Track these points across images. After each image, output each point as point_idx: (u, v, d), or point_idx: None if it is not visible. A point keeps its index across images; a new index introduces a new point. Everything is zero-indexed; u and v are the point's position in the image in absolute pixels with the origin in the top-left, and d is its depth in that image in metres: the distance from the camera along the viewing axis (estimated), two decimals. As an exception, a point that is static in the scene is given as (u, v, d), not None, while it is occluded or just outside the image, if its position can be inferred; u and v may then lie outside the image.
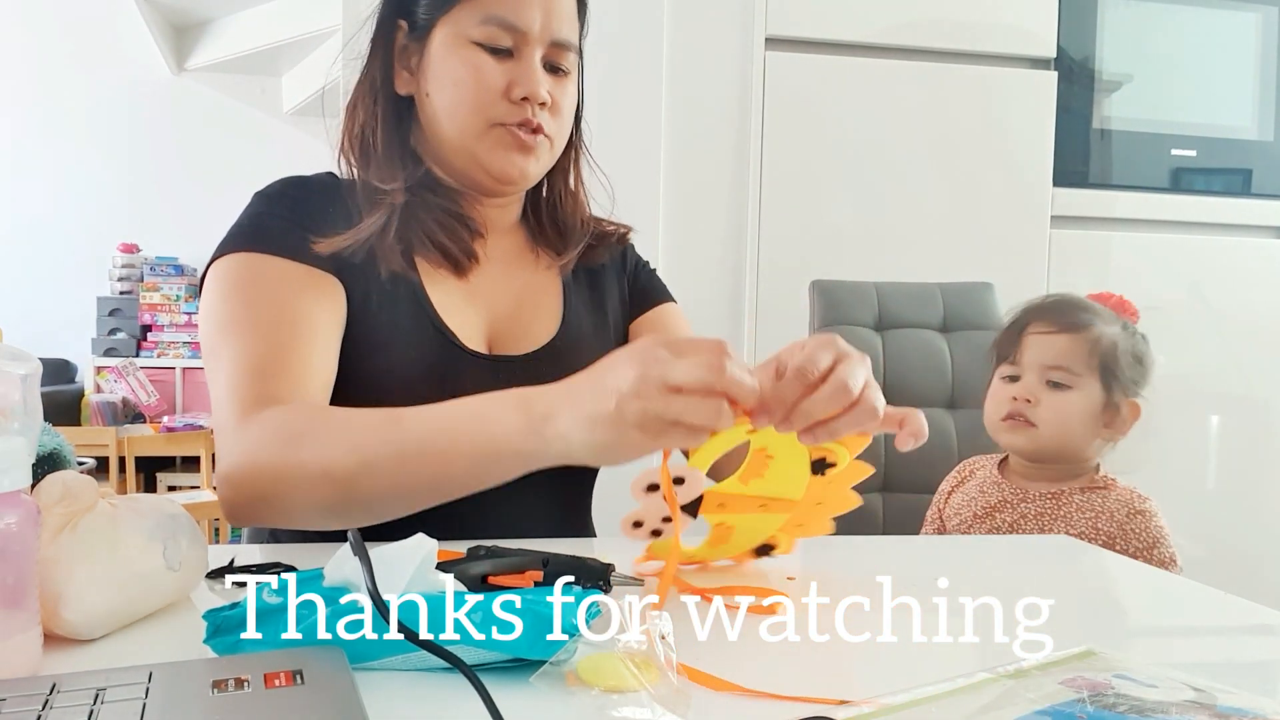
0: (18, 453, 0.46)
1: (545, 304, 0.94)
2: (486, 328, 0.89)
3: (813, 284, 1.45)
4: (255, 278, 0.80)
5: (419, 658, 0.48)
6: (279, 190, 0.86)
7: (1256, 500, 2.02)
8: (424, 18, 0.86)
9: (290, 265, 0.80)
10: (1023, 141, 1.91)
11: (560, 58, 0.86)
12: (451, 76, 0.84)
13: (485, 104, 0.83)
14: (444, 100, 0.85)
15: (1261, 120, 2.04)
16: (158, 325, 4.31)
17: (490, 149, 0.85)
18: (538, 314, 0.93)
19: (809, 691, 0.46)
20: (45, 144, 4.44)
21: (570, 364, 0.87)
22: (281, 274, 0.80)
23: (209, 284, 0.82)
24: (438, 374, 0.83)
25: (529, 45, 0.84)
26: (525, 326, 0.91)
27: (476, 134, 0.84)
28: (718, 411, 0.54)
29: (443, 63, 0.84)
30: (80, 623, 0.52)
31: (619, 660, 0.46)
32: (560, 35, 0.85)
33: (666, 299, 1.02)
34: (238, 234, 0.83)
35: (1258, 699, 0.44)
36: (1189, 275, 2.00)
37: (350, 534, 0.50)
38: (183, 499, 3.08)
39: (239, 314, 0.78)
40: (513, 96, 0.83)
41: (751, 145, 1.82)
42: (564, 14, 0.85)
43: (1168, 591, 0.75)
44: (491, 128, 0.84)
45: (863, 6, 1.85)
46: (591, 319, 0.96)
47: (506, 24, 0.82)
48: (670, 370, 0.54)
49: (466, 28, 0.83)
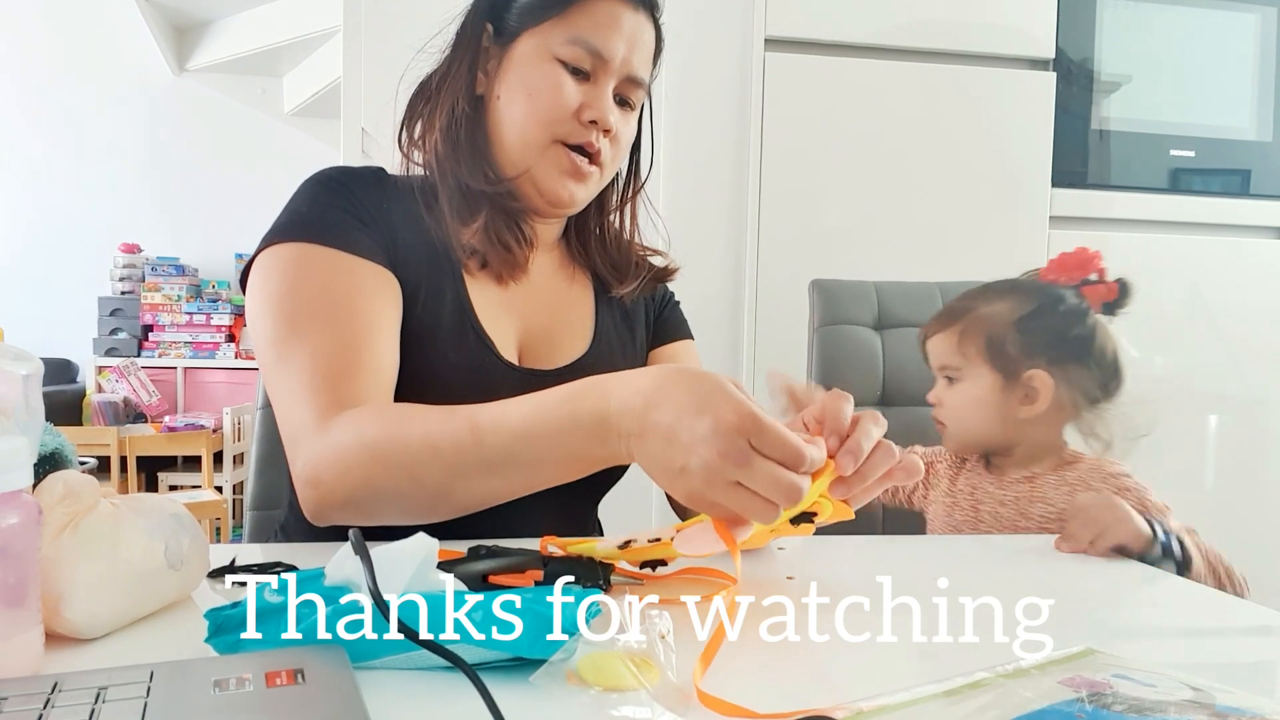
0: (19, 452, 0.46)
1: (577, 320, 0.95)
2: (519, 338, 0.90)
3: (812, 283, 1.45)
4: (322, 270, 0.79)
5: (419, 657, 0.48)
6: (336, 179, 0.85)
7: (1255, 500, 2.02)
8: (513, 25, 0.87)
9: (355, 260, 0.80)
10: (1021, 142, 1.91)
11: (631, 92, 0.88)
12: (528, 86, 0.85)
13: (555, 119, 0.84)
14: (515, 108, 0.85)
15: (1260, 120, 2.04)
16: (159, 325, 4.31)
17: (547, 168, 0.86)
18: (570, 330, 0.94)
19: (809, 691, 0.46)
20: (46, 144, 4.44)
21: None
22: (349, 268, 0.79)
23: (267, 270, 0.80)
24: (474, 379, 0.83)
25: (607, 74, 0.85)
26: (557, 341, 0.92)
27: (539, 148, 0.85)
28: (795, 490, 0.54)
29: (523, 72, 0.85)
30: (82, 622, 0.52)
31: (619, 660, 0.46)
32: (636, 72, 0.87)
33: (686, 336, 1.05)
34: (297, 222, 0.81)
35: (1256, 699, 0.44)
36: (1188, 276, 2.00)
37: (350, 534, 0.51)
38: (184, 499, 3.08)
39: (310, 308, 0.77)
40: (582, 118, 0.85)
41: (751, 145, 1.82)
42: (645, 51, 0.88)
43: (1167, 591, 0.75)
44: (553, 144, 0.85)
45: (863, 7, 1.85)
46: (620, 339, 0.97)
47: (593, 49, 0.84)
48: (768, 434, 0.53)
49: (553, 44, 0.84)
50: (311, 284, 0.78)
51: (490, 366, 0.85)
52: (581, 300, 0.97)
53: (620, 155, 0.91)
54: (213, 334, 4.32)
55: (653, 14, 0.89)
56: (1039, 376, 1.10)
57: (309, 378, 0.74)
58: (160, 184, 4.52)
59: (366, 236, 0.81)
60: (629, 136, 0.91)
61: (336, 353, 0.75)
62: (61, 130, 4.45)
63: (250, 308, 0.81)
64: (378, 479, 0.69)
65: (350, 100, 2.29)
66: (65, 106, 4.44)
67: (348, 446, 0.70)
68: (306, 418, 0.73)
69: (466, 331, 0.85)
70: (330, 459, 0.70)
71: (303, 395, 0.74)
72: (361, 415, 0.72)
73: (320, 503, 0.72)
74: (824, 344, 1.40)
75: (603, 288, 0.98)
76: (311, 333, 0.76)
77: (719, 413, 0.54)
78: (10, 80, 4.40)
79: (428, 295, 0.84)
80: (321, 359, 0.75)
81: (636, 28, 0.86)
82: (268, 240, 0.81)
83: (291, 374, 0.75)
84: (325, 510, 0.72)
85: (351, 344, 0.76)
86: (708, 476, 0.54)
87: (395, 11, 2.40)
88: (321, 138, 4.38)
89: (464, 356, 0.84)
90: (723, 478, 0.54)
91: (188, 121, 4.52)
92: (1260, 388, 2.03)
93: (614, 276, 0.98)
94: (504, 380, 0.85)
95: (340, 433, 0.71)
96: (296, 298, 0.78)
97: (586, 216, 0.98)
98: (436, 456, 0.68)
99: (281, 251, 0.80)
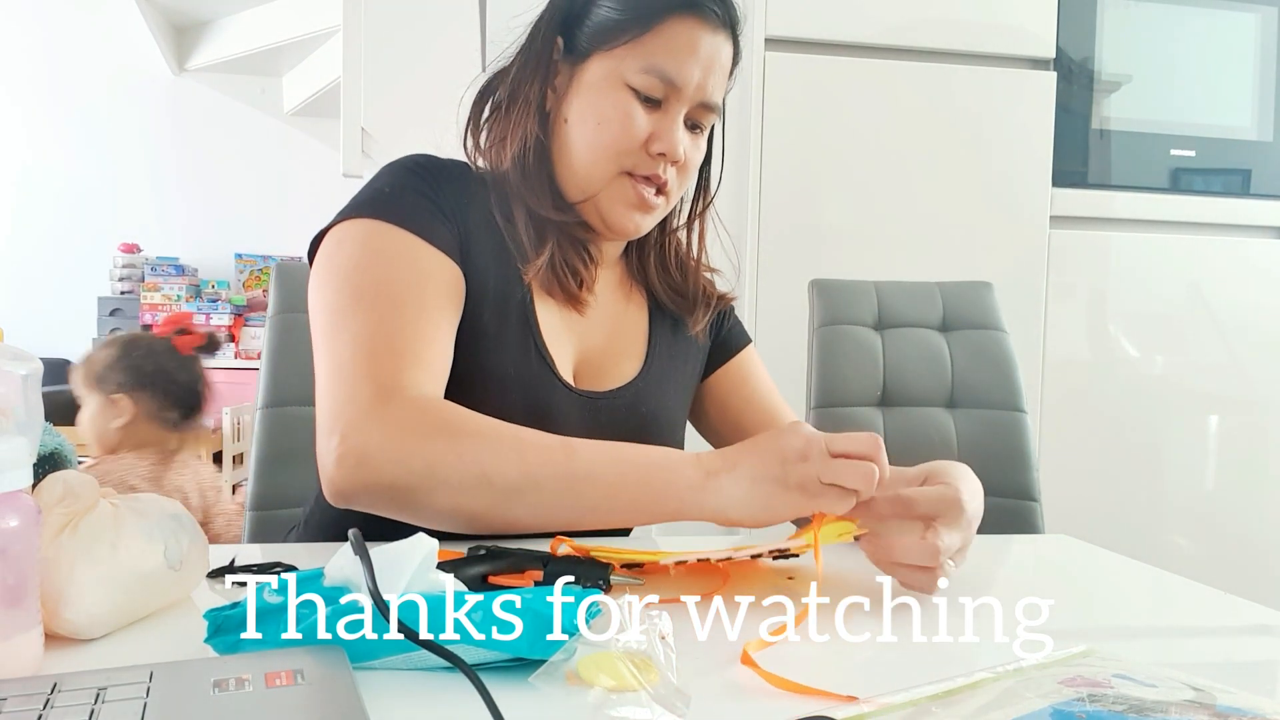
0: (19, 452, 0.46)
1: (632, 342, 0.93)
2: (575, 359, 0.89)
3: (812, 283, 1.44)
4: (398, 251, 0.77)
5: (419, 657, 0.48)
6: (424, 165, 0.84)
7: (1256, 500, 2.02)
8: (585, 44, 0.84)
9: (430, 249, 0.78)
10: (1022, 142, 1.91)
11: (704, 117, 0.86)
12: (598, 115, 0.82)
13: (623, 151, 0.82)
14: (584, 135, 0.83)
15: (1261, 120, 2.04)
16: (158, 325, 4.30)
17: (612, 199, 0.84)
18: (624, 352, 0.92)
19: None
20: (46, 144, 4.43)
21: (647, 406, 0.91)
22: (423, 256, 0.78)
23: (340, 242, 0.78)
24: (530, 394, 0.82)
25: (679, 101, 0.82)
26: (613, 362, 0.91)
27: (604, 178, 0.83)
28: (871, 476, 0.62)
29: (593, 97, 0.83)
30: (81, 622, 0.52)
31: (619, 660, 0.46)
32: (710, 97, 0.84)
33: (747, 341, 1.03)
34: (378, 200, 0.80)
35: (1257, 699, 0.44)
36: (1188, 275, 2.00)
37: (350, 534, 0.51)
38: (183, 499, 3.07)
39: (378, 286, 0.75)
40: (651, 149, 0.82)
41: (751, 145, 1.82)
42: (721, 74, 0.84)
43: (1167, 591, 0.75)
44: (620, 175, 0.83)
45: (863, 6, 1.84)
46: (671, 364, 0.95)
47: (667, 78, 0.81)
48: (834, 439, 0.64)
49: (626, 70, 0.81)
50: (383, 262, 0.77)
51: (548, 385, 0.84)
52: (637, 320, 0.95)
53: (687, 180, 0.89)
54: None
55: (733, 31, 0.85)
56: (121, 399, 1.75)
57: (366, 354, 0.72)
58: (160, 184, 4.51)
59: (445, 229, 0.80)
60: (698, 160, 0.88)
61: (398, 335, 0.73)
62: (61, 129, 4.44)
63: (316, 276, 0.79)
64: (439, 464, 0.67)
65: (350, 100, 2.29)
66: (65, 106, 4.44)
67: (412, 426, 0.68)
68: (359, 393, 0.70)
69: (529, 347, 0.83)
70: (387, 439, 0.68)
71: (357, 370, 0.71)
72: (440, 403, 0.71)
73: (359, 481, 0.68)
74: (824, 344, 1.40)
75: (657, 305, 0.96)
76: (375, 310, 0.74)
77: (799, 436, 0.65)
78: (9, 79, 4.40)
79: (494, 301, 0.82)
80: (382, 338, 0.73)
81: (715, 50, 0.82)
82: (346, 214, 0.80)
83: (346, 346, 0.73)
84: (361, 491, 0.68)
85: (414, 332, 0.74)
86: (804, 484, 0.63)
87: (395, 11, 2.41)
88: (321, 138, 4.38)
89: (524, 370, 0.82)
90: (815, 483, 0.63)
91: (187, 121, 4.52)
92: (1260, 388, 2.03)
93: (676, 304, 0.96)
94: (559, 400, 0.84)
95: (407, 415, 0.69)
96: (365, 272, 0.76)
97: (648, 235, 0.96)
98: (517, 449, 0.68)
99: (359, 225, 0.79)
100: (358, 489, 0.69)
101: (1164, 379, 1.99)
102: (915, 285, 1.46)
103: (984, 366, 1.40)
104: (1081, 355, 1.96)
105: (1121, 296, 1.98)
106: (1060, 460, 1.89)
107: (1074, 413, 1.94)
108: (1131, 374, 1.99)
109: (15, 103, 4.41)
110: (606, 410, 0.87)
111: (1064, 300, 1.94)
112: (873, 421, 1.37)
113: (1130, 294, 1.98)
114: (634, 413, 0.89)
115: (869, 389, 1.40)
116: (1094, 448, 1.95)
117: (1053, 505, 1.40)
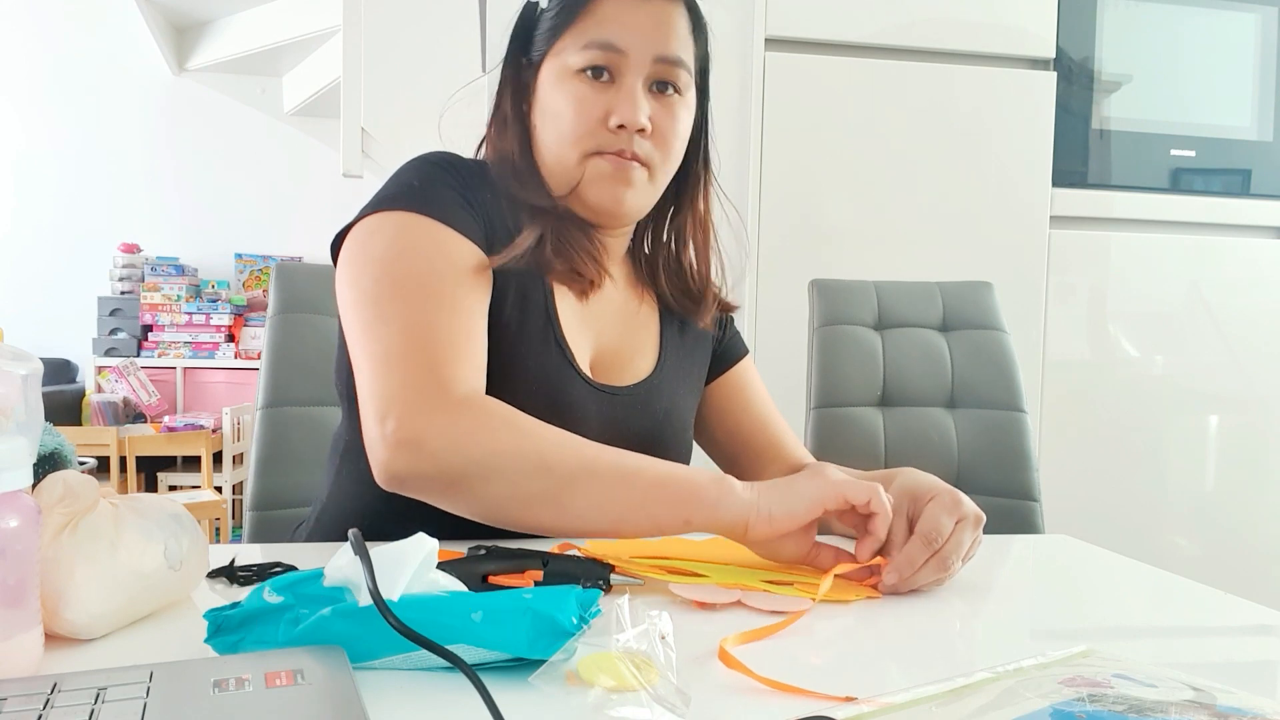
0: (19, 452, 0.46)
1: (645, 339, 0.94)
2: (592, 353, 0.89)
3: (812, 283, 1.44)
4: (434, 242, 0.78)
5: (419, 657, 0.48)
6: (447, 160, 0.85)
7: (1256, 500, 2.02)
8: (537, 54, 0.86)
9: (463, 241, 0.79)
10: (1022, 142, 1.91)
11: (670, 74, 0.83)
12: (553, 111, 0.84)
13: (583, 135, 0.82)
14: (546, 134, 0.85)
15: (1261, 120, 2.04)
16: (158, 325, 4.31)
17: (589, 181, 0.84)
18: (639, 349, 0.93)
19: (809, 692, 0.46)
20: (46, 144, 4.44)
21: (661, 403, 0.92)
22: (457, 248, 0.79)
23: (372, 233, 0.79)
24: (550, 388, 0.83)
25: (629, 68, 0.82)
26: (627, 358, 0.91)
27: (574, 165, 0.83)
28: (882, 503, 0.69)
29: (547, 97, 0.84)
30: (81, 622, 0.52)
31: (619, 660, 0.46)
32: (668, 51, 0.82)
33: (745, 352, 1.04)
34: (408, 194, 0.80)
35: (1257, 699, 0.44)
36: (1188, 275, 2.00)
37: (350, 534, 0.51)
38: (184, 499, 3.08)
39: (421, 277, 0.76)
40: (610, 125, 0.82)
41: (751, 145, 1.82)
42: (670, 30, 0.83)
43: (1167, 591, 0.75)
44: (589, 157, 0.83)
45: (863, 6, 1.84)
46: (682, 363, 0.96)
47: (606, 44, 0.81)
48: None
49: (569, 57, 0.82)
50: (421, 253, 0.77)
51: (568, 379, 0.84)
52: (649, 320, 0.96)
53: (670, 149, 0.85)
54: (212, 334, 4.32)
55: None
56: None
57: (416, 343, 0.73)
58: (160, 184, 4.52)
59: (474, 222, 0.81)
60: (678, 127, 0.85)
61: (444, 327, 0.74)
62: (61, 129, 4.45)
63: (350, 266, 0.79)
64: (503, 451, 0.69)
65: (350, 100, 2.29)
66: (65, 106, 4.44)
67: (474, 419, 0.70)
68: (412, 380, 0.71)
69: (550, 340, 0.84)
70: (447, 425, 0.69)
71: (408, 358, 0.72)
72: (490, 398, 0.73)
73: (415, 467, 0.69)
74: (824, 344, 1.40)
75: (667, 309, 0.97)
76: (417, 299, 0.75)
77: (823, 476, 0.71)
78: (9, 79, 4.40)
79: (517, 295, 0.83)
80: (428, 329, 0.74)
81: (656, 11, 0.82)
82: (375, 207, 0.80)
83: (395, 334, 0.73)
84: (417, 476, 0.69)
85: (458, 324, 0.75)
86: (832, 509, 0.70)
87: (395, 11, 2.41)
88: (321, 137, 4.38)
89: (545, 364, 0.83)
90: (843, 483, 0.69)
91: (187, 121, 4.53)
92: (1260, 388, 2.03)
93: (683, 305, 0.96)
94: (579, 394, 0.84)
95: (463, 405, 0.70)
96: (404, 263, 0.77)
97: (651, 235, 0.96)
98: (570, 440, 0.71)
99: (392, 218, 0.79)
100: (414, 474, 0.69)
101: (1164, 379, 1.99)
102: (915, 285, 1.46)
103: (984, 366, 1.40)
104: (1081, 355, 1.96)
105: (1121, 296, 1.98)
106: (1060, 460, 1.89)
107: (1074, 413, 1.94)
108: (1131, 374, 1.99)
109: (16, 103, 4.42)
110: (623, 405, 0.88)
111: (1064, 300, 1.94)
112: (873, 421, 1.38)
113: (1130, 294, 1.98)
114: (649, 409, 0.90)
115: (869, 389, 1.40)
116: (1094, 448, 1.95)
117: (1053, 505, 1.41)
